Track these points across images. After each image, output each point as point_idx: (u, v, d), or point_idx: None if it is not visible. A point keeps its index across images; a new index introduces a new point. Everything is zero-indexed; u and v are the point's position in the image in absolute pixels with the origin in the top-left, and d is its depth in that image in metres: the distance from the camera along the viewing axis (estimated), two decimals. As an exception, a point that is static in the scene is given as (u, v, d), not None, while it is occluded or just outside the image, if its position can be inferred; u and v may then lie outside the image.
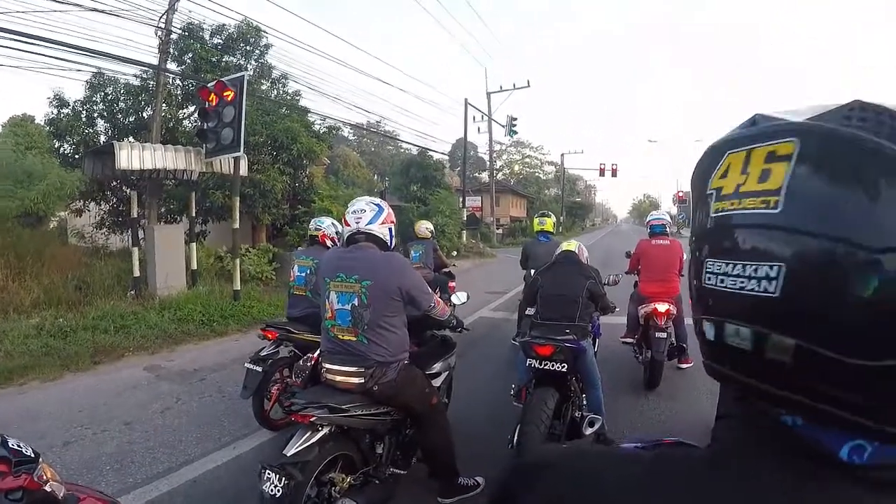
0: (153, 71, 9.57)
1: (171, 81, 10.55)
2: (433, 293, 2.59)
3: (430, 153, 22.93)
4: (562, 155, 42.74)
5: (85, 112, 10.35)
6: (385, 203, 2.60)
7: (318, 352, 2.77)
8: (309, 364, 3.07)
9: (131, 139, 9.24)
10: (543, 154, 49.84)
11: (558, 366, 2.95)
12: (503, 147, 44.53)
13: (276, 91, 12.34)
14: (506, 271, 12.99)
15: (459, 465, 2.66)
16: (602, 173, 35.22)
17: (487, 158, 30.17)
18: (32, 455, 1.10)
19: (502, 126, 25.31)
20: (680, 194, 42.43)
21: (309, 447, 2.10)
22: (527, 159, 49.76)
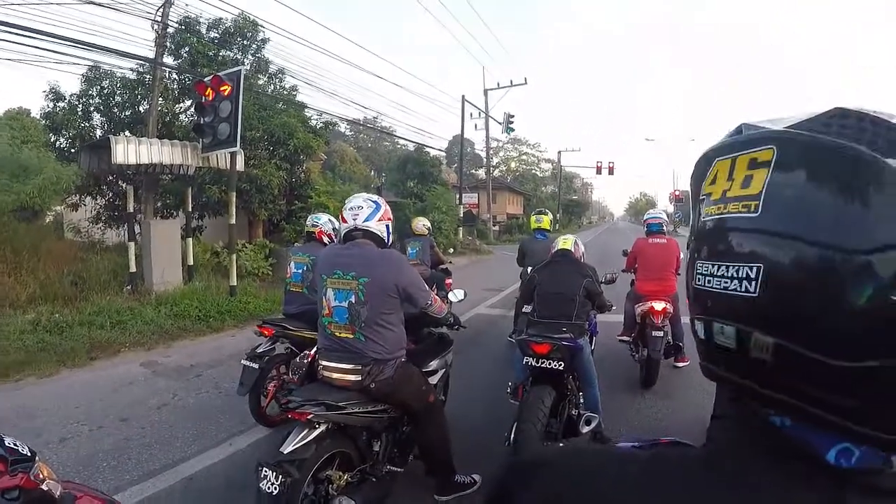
0: (150, 65, 9.52)
1: (168, 75, 10.48)
2: (430, 290, 2.60)
3: (427, 149, 22.92)
4: (559, 152, 42.85)
5: (81, 106, 10.27)
6: (382, 200, 2.59)
7: (315, 349, 2.77)
8: (306, 361, 3.07)
9: (127, 133, 9.15)
10: (540, 151, 50.03)
11: (555, 364, 2.96)
12: (500, 144, 44.57)
13: (273, 86, 12.27)
14: (502, 268, 13.00)
15: (456, 463, 2.66)
16: (599, 171, 35.22)
17: (484, 155, 30.14)
18: (29, 454, 1.10)
19: (499, 123, 25.24)
20: (676, 193, 42.34)
21: (306, 445, 2.10)
22: (524, 156, 49.82)
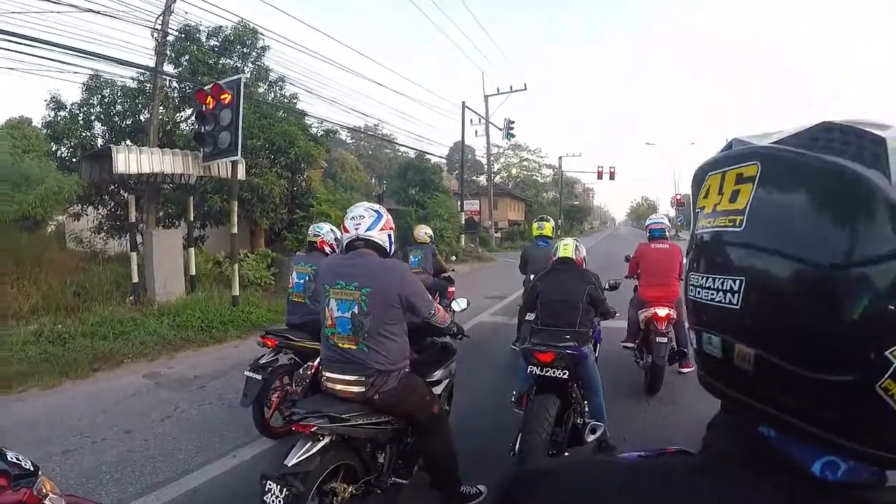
0: (150, 73, 9.55)
1: (168, 84, 10.53)
2: (433, 300, 2.59)
3: (428, 156, 23.01)
4: (559, 158, 42.85)
5: (82, 115, 10.32)
6: (384, 209, 2.59)
7: (318, 360, 2.76)
8: (309, 372, 3.05)
9: (128, 142, 9.21)
10: (541, 157, 49.94)
11: (559, 372, 2.95)
12: (501, 150, 44.51)
13: (274, 94, 12.31)
14: (505, 275, 13.00)
15: (461, 474, 2.64)
16: (600, 176, 35.26)
17: (485, 162, 30.21)
18: (32, 468, 1.10)
19: (500, 129, 25.33)
20: (678, 197, 42.38)
21: (310, 457, 2.09)
22: (524, 162, 49.81)
